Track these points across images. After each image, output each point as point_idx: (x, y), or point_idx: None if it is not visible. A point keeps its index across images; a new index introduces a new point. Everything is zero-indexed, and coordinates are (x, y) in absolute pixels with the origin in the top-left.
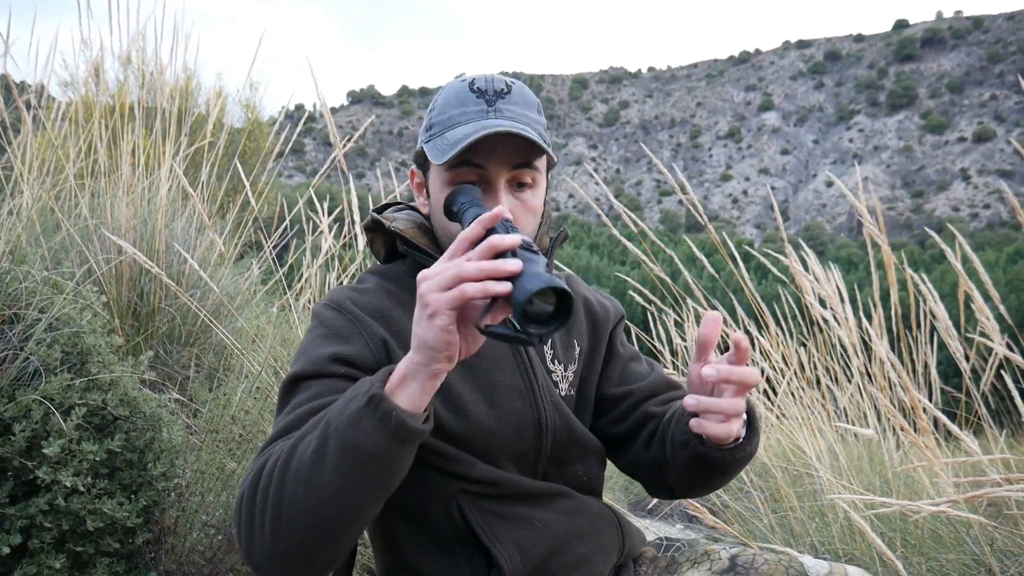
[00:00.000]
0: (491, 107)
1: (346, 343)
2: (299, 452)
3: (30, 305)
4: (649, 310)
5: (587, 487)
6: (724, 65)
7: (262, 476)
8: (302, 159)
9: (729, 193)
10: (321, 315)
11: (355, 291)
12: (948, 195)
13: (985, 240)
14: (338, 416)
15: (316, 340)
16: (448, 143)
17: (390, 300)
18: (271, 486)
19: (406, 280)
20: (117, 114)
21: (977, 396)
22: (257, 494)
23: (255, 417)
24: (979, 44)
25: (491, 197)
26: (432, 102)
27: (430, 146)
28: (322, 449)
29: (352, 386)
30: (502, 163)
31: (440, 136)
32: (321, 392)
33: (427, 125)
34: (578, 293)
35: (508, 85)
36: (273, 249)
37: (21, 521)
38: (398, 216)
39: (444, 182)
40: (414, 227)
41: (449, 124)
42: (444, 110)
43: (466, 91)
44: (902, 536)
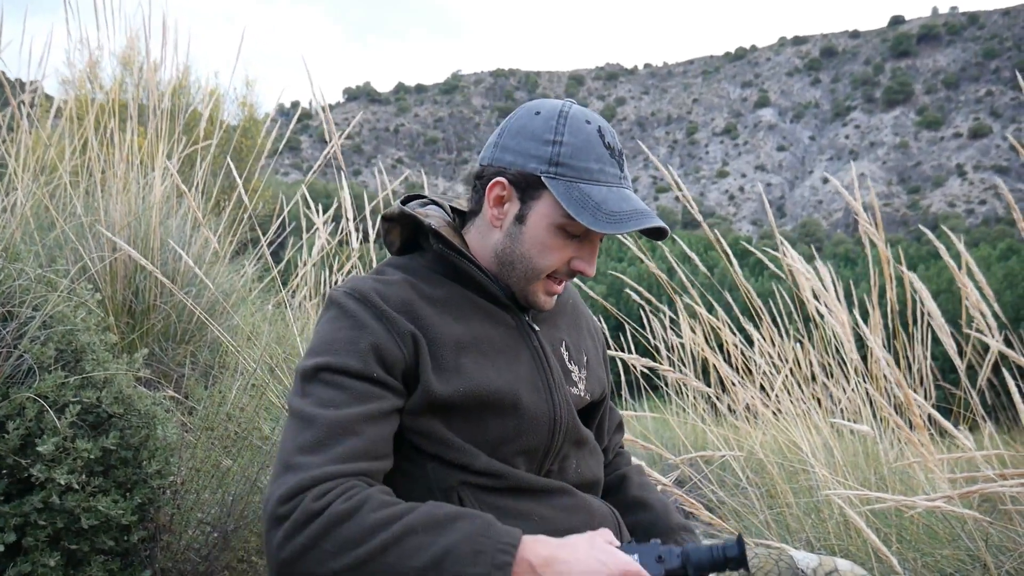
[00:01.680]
0: (622, 173)
1: (374, 338)
2: (403, 551)
3: (24, 303)
4: (643, 307)
5: (584, 482)
6: (720, 61)
7: (350, 523)
8: (299, 156)
9: (725, 190)
10: (344, 304)
11: (379, 282)
12: (944, 191)
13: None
14: (459, 561)
15: (341, 330)
16: (596, 206)
17: (414, 293)
18: (359, 548)
19: (428, 275)
20: (112, 111)
21: (973, 392)
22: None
23: (250, 415)
24: (975, 40)
25: (587, 252)
26: (551, 131)
27: (560, 188)
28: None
29: (481, 521)
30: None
31: (574, 184)
32: (353, 397)
33: (551, 159)
34: (579, 305)
35: (621, 144)
36: (269, 246)
37: (15, 519)
38: (430, 212)
39: (553, 224)
40: (446, 226)
41: (588, 176)
42: (579, 156)
43: (599, 143)
44: (897, 532)
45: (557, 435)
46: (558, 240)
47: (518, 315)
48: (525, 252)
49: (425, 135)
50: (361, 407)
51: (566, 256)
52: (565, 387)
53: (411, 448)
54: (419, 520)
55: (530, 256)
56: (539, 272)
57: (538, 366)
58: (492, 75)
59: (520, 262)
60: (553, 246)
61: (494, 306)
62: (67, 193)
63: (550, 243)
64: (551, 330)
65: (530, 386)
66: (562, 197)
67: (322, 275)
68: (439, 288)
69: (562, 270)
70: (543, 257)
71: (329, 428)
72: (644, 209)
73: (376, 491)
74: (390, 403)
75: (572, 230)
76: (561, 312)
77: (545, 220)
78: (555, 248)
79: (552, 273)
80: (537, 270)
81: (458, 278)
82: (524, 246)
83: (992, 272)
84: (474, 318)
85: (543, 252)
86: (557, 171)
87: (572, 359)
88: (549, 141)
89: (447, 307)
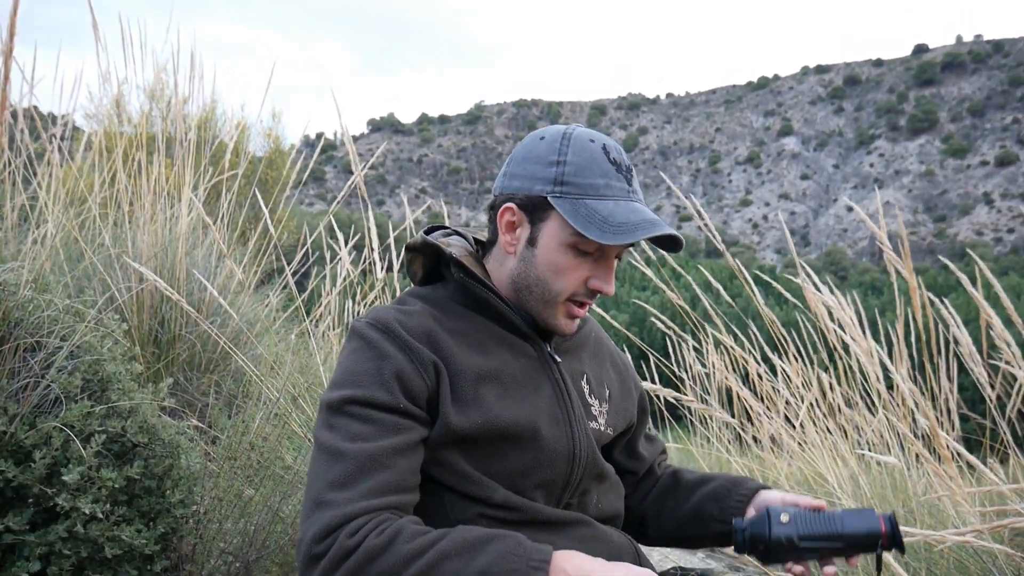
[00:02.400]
0: (630, 187)
1: (397, 368)
2: (441, 574)
3: (52, 333)
4: (669, 336)
5: (605, 516)
6: (743, 90)
7: (385, 556)
8: (323, 187)
9: (749, 218)
10: (367, 336)
11: (401, 312)
12: (971, 219)
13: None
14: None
15: (365, 362)
16: (604, 220)
17: (435, 323)
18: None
19: (449, 305)
20: (140, 144)
21: (1003, 424)
22: (373, 569)
23: (273, 444)
24: (1000, 68)
25: (604, 269)
26: (555, 153)
27: (566, 206)
28: None
29: (512, 540)
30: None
31: (580, 201)
32: (382, 430)
33: (556, 179)
34: (603, 338)
35: (629, 161)
36: (293, 276)
37: (40, 548)
38: (452, 242)
39: (565, 243)
40: (468, 255)
41: (593, 192)
42: (583, 174)
43: (604, 160)
44: (927, 567)
45: (576, 469)
46: (571, 260)
47: (540, 346)
48: (540, 275)
49: (448, 165)
50: (390, 439)
51: (582, 276)
52: (585, 421)
53: (429, 480)
54: (452, 546)
55: (545, 278)
56: (556, 294)
57: (559, 399)
58: (515, 105)
59: (536, 285)
60: (567, 266)
61: (515, 336)
62: (96, 225)
63: (563, 263)
64: (573, 362)
65: (550, 419)
66: (568, 215)
67: (346, 305)
68: (460, 319)
69: (580, 291)
70: (558, 278)
71: (359, 462)
72: (654, 219)
73: (407, 521)
74: (417, 434)
75: (584, 248)
76: (583, 344)
77: (556, 240)
78: (569, 268)
79: (571, 296)
80: (553, 292)
81: (479, 308)
82: (538, 269)
83: (1022, 303)
84: (495, 349)
85: (558, 273)
86: (563, 190)
87: (593, 392)
88: (554, 162)
89: (468, 338)
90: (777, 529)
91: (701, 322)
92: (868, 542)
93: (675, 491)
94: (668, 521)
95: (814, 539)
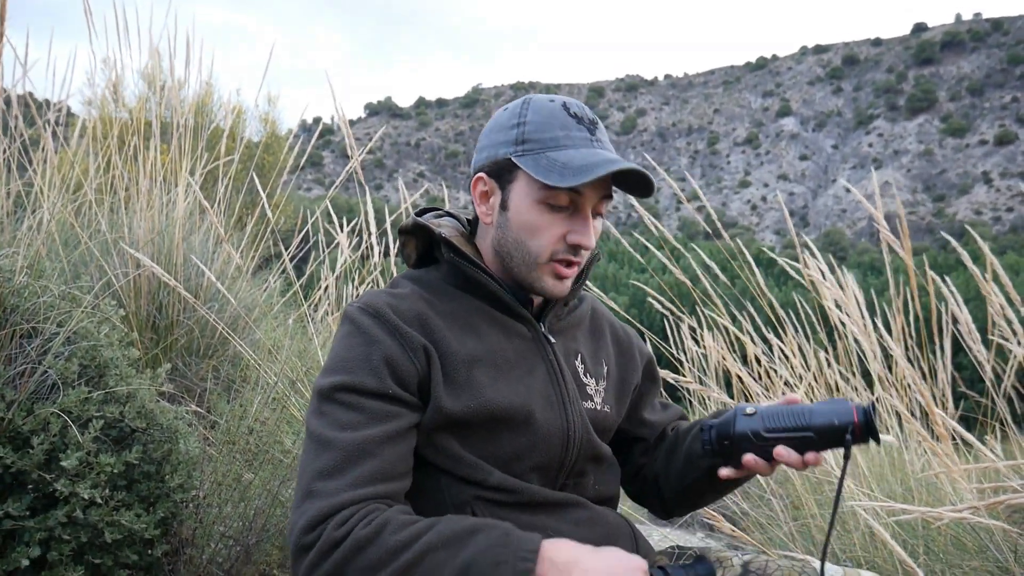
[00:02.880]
0: (592, 136)
1: (386, 353)
2: (426, 569)
3: (48, 319)
4: (666, 316)
5: (601, 498)
6: (741, 71)
7: (372, 547)
8: (320, 172)
9: (748, 200)
10: (358, 320)
11: (392, 296)
12: (970, 199)
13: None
14: (482, 573)
15: (355, 347)
16: (563, 166)
17: (427, 307)
18: (383, 572)
19: (442, 287)
20: (135, 129)
21: (1000, 400)
22: (360, 560)
23: (272, 428)
24: (999, 46)
25: (580, 222)
26: (516, 117)
27: (528, 161)
28: None
29: (499, 531)
30: (595, 192)
31: (541, 154)
32: (372, 418)
33: (517, 139)
34: (601, 313)
35: (594, 116)
36: (292, 261)
37: (40, 534)
38: (442, 222)
39: (535, 200)
40: (458, 235)
41: (553, 145)
42: (543, 128)
43: (563, 114)
44: (924, 544)
45: (571, 450)
46: (544, 217)
47: (534, 326)
48: (516, 237)
49: (446, 149)
50: (378, 427)
51: (558, 232)
52: (580, 402)
53: (425, 463)
54: (439, 537)
55: (521, 240)
56: (535, 255)
57: (553, 380)
58: (512, 88)
59: (515, 249)
60: (540, 223)
61: (508, 317)
62: (92, 210)
63: (536, 221)
64: (567, 341)
65: (544, 401)
66: (531, 168)
67: (344, 289)
68: (453, 301)
69: (559, 248)
70: (534, 237)
71: (346, 452)
72: (615, 158)
73: (395, 512)
74: (407, 420)
75: (554, 202)
76: (579, 323)
77: (526, 199)
78: (543, 225)
79: (552, 255)
80: (533, 253)
81: (472, 289)
82: (514, 231)
83: (1020, 280)
84: (488, 331)
85: (533, 232)
86: (524, 148)
87: (588, 371)
88: (515, 124)
89: (460, 320)
90: (742, 423)
91: (700, 302)
92: (838, 432)
93: (674, 444)
94: (673, 476)
95: (781, 431)
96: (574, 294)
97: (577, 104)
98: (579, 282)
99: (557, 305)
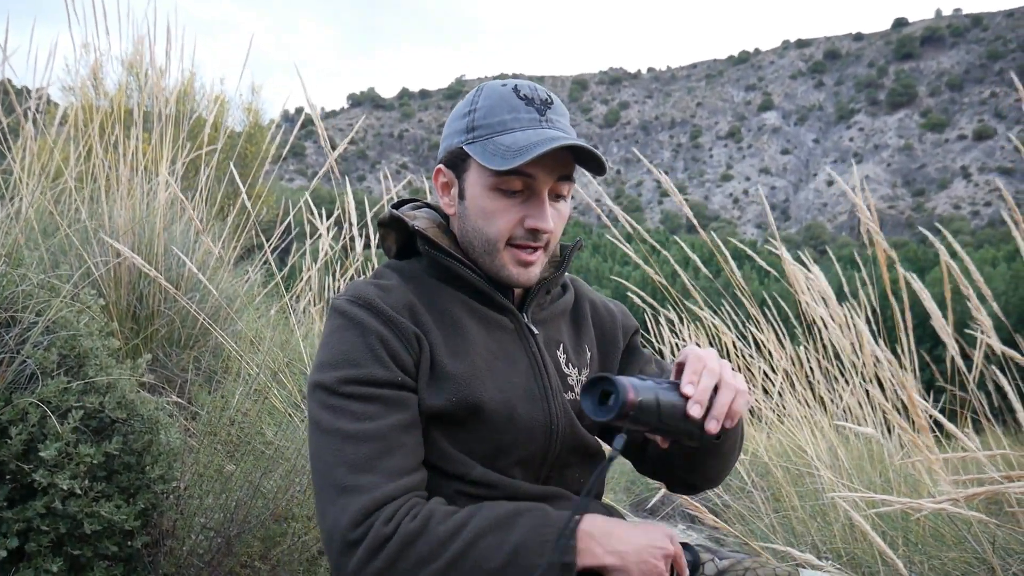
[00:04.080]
0: (542, 116)
1: (387, 343)
2: (477, 555)
3: (27, 308)
4: (645, 311)
5: None
6: (724, 65)
7: (422, 539)
8: (303, 162)
9: (730, 193)
10: (350, 313)
11: (380, 288)
12: (949, 193)
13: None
14: (533, 556)
15: (355, 340)
16: (507, 149)
17: (415, 297)
18: (435, 563)
19: (424, 279)
20: (116, 118)
21: (975, 392)
22: (411, 554)
23: (253, 419)
24: (978, 42)
25: (536, 206)
26: (469, 104)
27: (477, 148)
28: (505, 572)
29: (540, 512)
30: (550, 173)
31: (489, 139)
32: (386, 408)
33: (468, 127)
34: (584, 297)
35: (550, 95)
36: (273, 252)
37: (18, 524)
38: (418, 214)
39: (488, 187)
40: (434, 226)
41: (500, 129)
42: (492, 114)
43: (513, 97)
44: (904, 535)
45: (554, 444)
46: (498, 202)
47: (516, 317)
48: (474, 225)
49: (429, 140)
50: (396, 416)
51: (514, 217)
52: (562, 394)
53: None
54: (485, 524)
55: (479, 227)
56: (492, 241)
57: (535, 373)
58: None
59: (475, 237)
60: (495, 209)
61: (490, 309)
62: (72, 199)
63: (491, 207)
64: (550, 331)
65: (526, 394)
66: (478, 155)
67: (326, 281)
68: (435, 293)
69: (517, 233)
70: (489, 223)
71: (373, 444)
72: (556, 135)
73: (436, 503)
74: (416, 406)
75: (506, 187)
76: (563, 312)
77: (479, 186)
78: (498, 211)
79: (509, 240)
80: (491, 239)
81: (451, 281)
82: (471, 219)
83: (997, 273)
84: (469, 323)
85: (488, 218)
86: (474, 135)
87: (570, 361)
88: (466, 113)
89: (443, 313)
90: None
91: (680, 297)
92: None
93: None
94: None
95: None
96: (555, 282)
97: (529, 86)
98: (560, 270)
99: (539, 294)
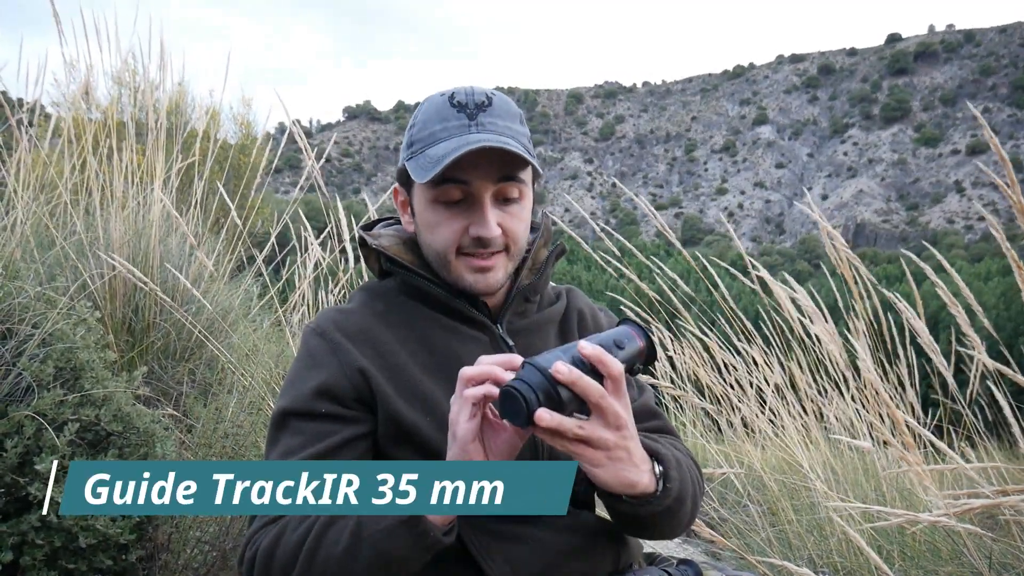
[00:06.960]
0: (472, 121)
1: (324, 375)
2: (327, 544)
3: (23, 320)
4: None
5: (576, 501)
6: (719, 79)
7: (279, 550)
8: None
9: (725, 207)
10: (307, 341)
11: (340, 312)
12: (943, 207)
13: (980, 252)
14: (374, 524)
15: (300, 371)
16: (430, 160)
17: (375, 319)
18: (295, 568)
19: (393, 297)
20: (109, 131)
21: (965, 407)
22: (272, 567)
23: (248, 431)
24: (972, 57)
25: (477, 212)
26: (412, 118)
27: (412, 164)
28: (354, 550)
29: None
30: (486, 178)
31: (421, 153)
32: (308, 440)
33: (408, 142)
34: (574, 306)
35: (489, 97)
36: (268, 265)
37: (13, 538)
38: (384, 232)
39: (429, 200)
40: (399, 243)
41: (431, 141)
42: (425, 126)
43: (446, 106)
44: (900, 549)
45: (541, 458)
46: (440, 214)
47: (491, 330)
48: (424, 239)
49: None
50: (313, 448)
51: (458, 227)
52: None
53: None
54: (327, 518)
55: (428, 240)
56: (441, 251)
57: None
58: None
59: (427, 250)
60: (438, 221)
61: (460, 324)
62: (67, 211)
63: (433, 219)
64: (532, 340)
65: None
66: (412, 171)
67: (319, 294)
68: (405, 311)
69: (464, 242)
70: (435, 235)
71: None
72: (480, 139)
73: (291, 517)
74: (348, 432)
75: (445, 198)
76: (549, 321)
77: (422, 201)
78: (441, 223)
79: (458, 249)
80: (440, 251)
81: (420, 297)
82: (422, 233)
83: (989, 287)
84: (441, 340)
85: (433, 230)
86: (412, 151)
87: None
88: (408, 128)
89: (413, 331)
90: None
91: (672, 312)
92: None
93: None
94: None
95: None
96: (533, 289)
97: (466, 91)
98: (539, 276)
99: (515, 302)
